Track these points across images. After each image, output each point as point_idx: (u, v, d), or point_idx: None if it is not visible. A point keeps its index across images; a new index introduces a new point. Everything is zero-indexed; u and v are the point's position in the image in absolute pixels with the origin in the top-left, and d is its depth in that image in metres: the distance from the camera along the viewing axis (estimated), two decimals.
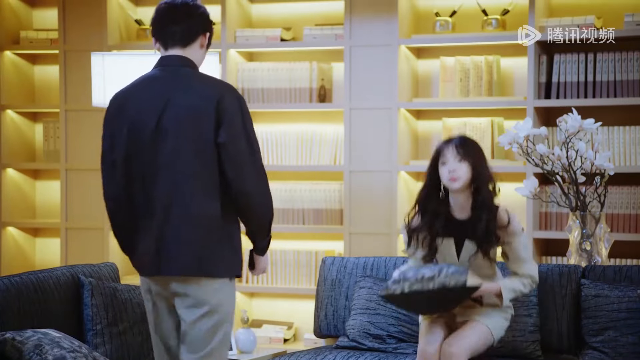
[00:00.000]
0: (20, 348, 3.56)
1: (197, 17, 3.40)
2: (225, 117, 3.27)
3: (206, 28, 3.43)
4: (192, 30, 3.40)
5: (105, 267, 4.34)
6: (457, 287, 3.72)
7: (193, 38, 3.40)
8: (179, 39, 3.39)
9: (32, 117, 6.01)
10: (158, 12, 3.42)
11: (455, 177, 3.83)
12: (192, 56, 3.42)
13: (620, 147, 4.94)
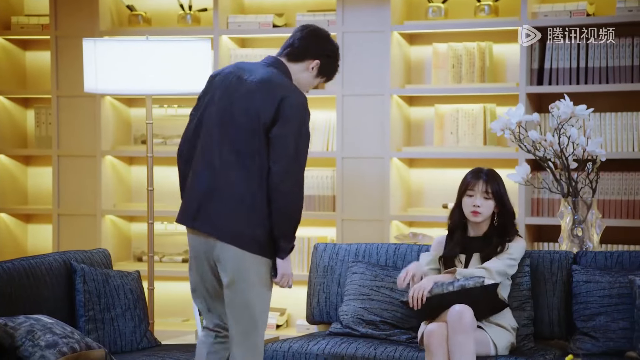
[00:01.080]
0: (13, 334, 3.56)
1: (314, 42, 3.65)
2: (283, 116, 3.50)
3: (317, 56, 3.65)
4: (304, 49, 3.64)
5: (98, 254, 4.33)
6: (476, 287, 3.91)
7: (301, 57, 3.63)
8: (288, 52, 3.66)
9: (24, 103, 5.99)
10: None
11: (479, 212, 4.12)
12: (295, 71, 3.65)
13: (612, 133, 4.95)
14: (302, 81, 3.66)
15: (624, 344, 4.04)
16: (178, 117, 5.76)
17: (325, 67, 3.68)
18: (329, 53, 3.68)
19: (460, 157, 5.19)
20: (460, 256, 4.16)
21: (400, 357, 4.07)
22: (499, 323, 4.05)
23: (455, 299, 3.94)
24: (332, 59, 3.70)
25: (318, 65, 3.66)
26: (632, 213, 4.91)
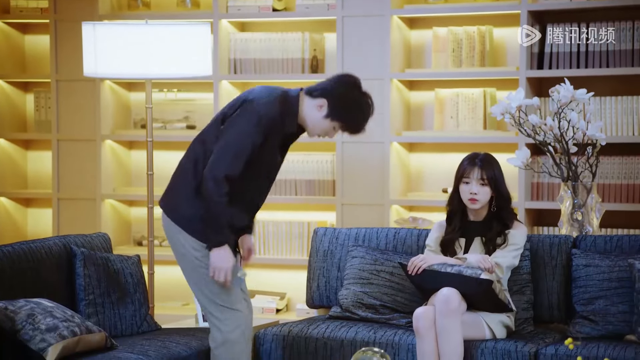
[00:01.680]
0: (13, 317, 3.56)
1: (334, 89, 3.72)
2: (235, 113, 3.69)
3: (323, 95, 3.71)
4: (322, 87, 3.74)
5: (98, 238, 4.34)
6: (472, 278, 3.93)
7: (315, 93, 3.73)
8: (310, 86, 3.80)
9: (23, 87, 5.98)
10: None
11: (476, 200, 4.12)
12: (305, 105, 3.73)
13: (612, 117, 4.94)
14: (308, 118, 3.73)
15: (623, 327, 4.05)
16: (178, 101, 5.75)
17: (337, 111, 3.69)
18: (343, 97, 3.68)
19: (460, 142, 5.19)
20: (460, 240, 4.17)
21: (399, 340, 4.08)
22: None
23: (448, 281, 3.96)
24: (346, 104, 3.69)
25: (326, 105, 3.69)
26: (632, 197, 4.91)
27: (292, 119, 3.73)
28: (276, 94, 3.71)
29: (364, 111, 3.73)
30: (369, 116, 3.75)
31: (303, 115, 3.74)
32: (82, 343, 3.69)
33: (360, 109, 3.72)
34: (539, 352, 3.94)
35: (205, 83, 5.60)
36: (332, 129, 3.74)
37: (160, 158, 5.64)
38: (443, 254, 4.17)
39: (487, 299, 3.98)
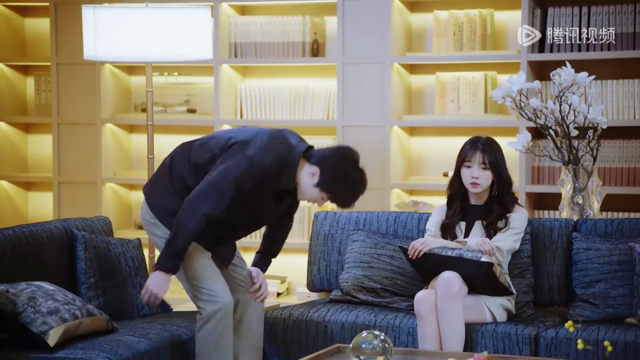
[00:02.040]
0: (14, 300, 3.57)
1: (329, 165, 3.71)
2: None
3: (318, 163, 3.71)
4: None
5: (99, 221, 4.34)
6: (472, 261, 3.93)
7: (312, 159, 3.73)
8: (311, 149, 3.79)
9: (24, 71, 5.97)
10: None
11: (477, 184, 4.12)
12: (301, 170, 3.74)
13: (613, 101, 4.93)
14: (300, 181, 3.74)
15: (624, 310, 4.06)
16: (178, 85, 5.74)
17: (327, 183, 3.68)
18: (335, 171, 3.67)
19: (461, 125, 5.18)
20: (460, 224, 4.18)
21: (400, 324, 4.09)
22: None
23: (449, 264, 3.97)
24: (338, 178, 3.68)
25: (318, 174, 3.69)
26: (633, 180, 4.91)
27: (289, 177, 3.72)
28: (279, 147, 3.70)
29: (354, 189, 3.72)
30: (359, 194, 3.75)
31: (298, 176, 3.73)
32: (83, 326, 3.70)
33: (351, 186, 3.72)
34: (539, 335, 3.95)
35: (206, 67, 5.59)
36: (321, 198, 3.74)
37: (160, 142, 5.63)
38: (443, 237, 4.18)
39: (487, 282, 3.99)
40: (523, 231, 4.15)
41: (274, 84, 5.52)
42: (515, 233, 4.11)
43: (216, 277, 3.79)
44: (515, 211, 4.15)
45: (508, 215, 4.13)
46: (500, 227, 4.12)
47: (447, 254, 4.00)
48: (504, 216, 4.13)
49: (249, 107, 5.53)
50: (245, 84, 5.59)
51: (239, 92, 5.56)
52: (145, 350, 3.68)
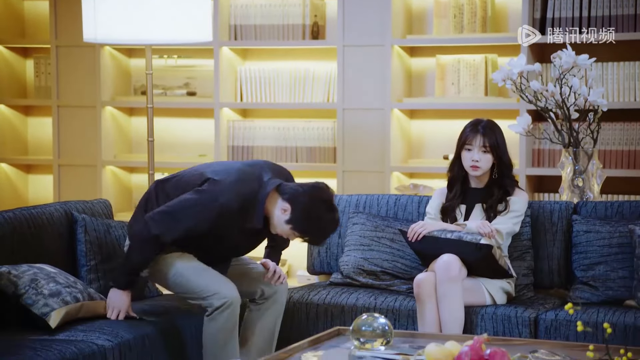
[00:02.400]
0: (16, 282, 3.57)
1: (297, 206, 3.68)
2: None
3: (290, 201, 3.68)
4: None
5: (99, 204, 4.33)
6: (471, 243, 3.93)
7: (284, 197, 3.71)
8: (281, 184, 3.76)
9: (23, 53, 5.96)
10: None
11: (478, 167, 4.11)
12: (271, 203, 3.73)
13: (613, 83, 4.92)
14: (273, 215, 3.72)
15: (623, 293, 4.07)
16: (178, 67, 5.73)
17: (298, 222, 3.66)
18: (307, 210, 3.64)
19: (462, 108, 5.17)
20: (460, 207, 4.18)
21: (400, 307, 4.09)
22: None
23: (448, 247, 3.97)
24: (309, 218, 3.66)
25: (290, 211, 3.66)
26: (633, 163, 4.91)
27: (253, 218, 3.71)
28: (247, 186, 3.69)
29: (325, 229, 3.71)
30: (329, 234, 3.75)
31: (270, 210, 3.72)
32: (85, 309, 3.70)
33: (322, 227, 3.70)
34: (539, 317, 3.96)
35: (206, 49, 5.58)
36: (292, 234, 3.73)
37: (160, 125, 5.63)
38: (444, 220, 4.18)
39: (487, 265, 3.99)
40: (523, 214, 4.15)
41: (274, 67, 5.51)
42: (515, 216, 4.11)
43: (206, 274, 3.77)
44: (515, 194, 4.15)
45: (508, 198, 4.13)
46: (501, 210, 4.12)
47: (446, 237, 4.00)
48: (504, 199, 4.13)
49: (249, 90, 5.53)
50: (245, 66, 5.58)
51: (239, 74, 5.55)
52: (146, 333, 3.69)
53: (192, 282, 3.75)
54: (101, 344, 3.49)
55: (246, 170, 3.75)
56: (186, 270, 3.76)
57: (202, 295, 3.73)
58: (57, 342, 3.41)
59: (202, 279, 3.75)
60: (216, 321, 3.71)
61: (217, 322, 3.71)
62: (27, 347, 3.31)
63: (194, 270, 3.77)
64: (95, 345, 3.47)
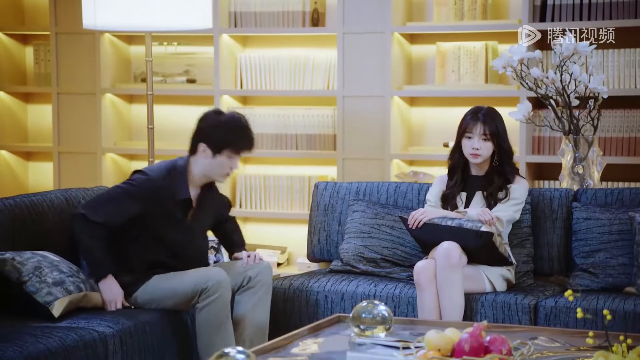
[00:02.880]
0: (20, 269, 3.57)
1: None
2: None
3: (198, 141, 3.86)
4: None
5: (99, 191, 4.32)
6: (472, 230, 3.94)
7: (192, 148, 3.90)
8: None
9: (23, 40, 5.94)
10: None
11: (478, 154, 4.11)
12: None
13: (614, 70, 4.91)
14: (204, 169, 3.86)
15: (623, 280, 4.07)
16: (178, 55, 5.72)
17: (217, 144, 3.80)
18: (212, 130, 3.80)
19: (462, 96, 5.17)
20: (461, 194, 4.18)
21: (400, 294, 4.10)
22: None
23: (448, 234, 3.97)
24: (219, 132, 3.80)
25: (205, 146, 3.81)
26: (633, 150, 4.90)
27: (181, 188, 3.82)
28: (164, 165, 3.86)
29: (237, 126, 3.84)
30: (246, 127, 3.85)
31: (200, 172, 3.85)
32: (87, 299, 3.71)
33: (232, 126, 3.83)
34: (539, 304, 3.96)
35: (206, 36, 5.57)
36: (229, 160, 3.83)
37: (160, 112, 5.63)
38: (444, 208, 4.18)
39: (487, 252, 3.99)
40: (523, 202, 4.15)
41: (274, 54, 5.50)
42: (515, 204, 4.11)
43: (188, 273, 3.82)
44: (516, 182, 4.15)
45: (509, 186, 4.13)
46: (501, 197, 4.12)
47: (446, 224, 4.01)
48: (504, 187, 4.13)
49: (248, 77, 5.52)
50: (245, 53, 5.57)
51: (238, 62, 5.54)
52: (147, 320, 3.70)
53: (178, 285, 3.79)
54: (102, 331, 3.50)
55: (163, 161, 3.95)
56: (168, 280, 3.82)
57: (192, 289, 3.76)
58: (58, 329, 3.42)
59: (186, 276, 3.81)
60: (209, 305, 3.73)
61: (210, 306, 3.73)
62: (28, 333, 3.31)
63: (174, 276, 3.83)
64: (96, 332, 3.48)
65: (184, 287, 3.78)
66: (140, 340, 3.63)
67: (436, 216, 4.06)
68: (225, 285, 3.76)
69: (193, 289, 3.76)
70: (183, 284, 3.79)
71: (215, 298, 3.73)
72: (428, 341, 2.76)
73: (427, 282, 3.95)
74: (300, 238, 5.12)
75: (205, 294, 3.74)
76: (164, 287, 3.81)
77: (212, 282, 3.74)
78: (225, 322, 3.76)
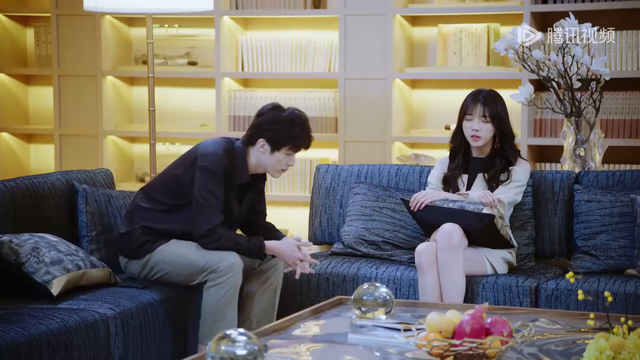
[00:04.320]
0: (18, 250, 3.58)
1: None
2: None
3: (257, 136, 3.88)
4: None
5: (100, 174, 4.33)
6: (473, 213, 3.93)
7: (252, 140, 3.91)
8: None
9: (23, 22, 5.93)
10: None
11: (478, 137, 4.10)
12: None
13: (616, 52, 4.90)
14: (261, 163, 3.88)
15: (624, 262, 4.07)
16: (179, 37, 5.71)
17: (277, 141, 3.81)
18: (272, 126, 3.80)
19: (464, 78, 5.16)
20: (462, 177, 4.17)
21: (401, 276, 4.10)
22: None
23: (450, 216, 3.97)
24: (279, 129, 3.80)
25: (265, 142, 3.82)
26: (635, 133, 4.90)
27: (243, 170, 3.85)
28: (221, 143, 3.85)
29: (297, 123, 3.84)
30: (304, 124, 3.86)
31: (255, 163, 3.87)
32: (86, 277, 3.71)
33: (292, 123, 3.83)
34: (540, 286, 3.97)
35: (207, 18, 5.55)
36: (286, 157, 3.85)
37: (161, 94, 5.62)
38: (446, 190, 4.18)
39: (488, 235, 4.00)
40: (525, 184, 4.15)
41: (275, 36, 5.49)
42: (517, 186, 4.11)
43: (203, 250, 3.83)
44: (517, 164, 4.14)
45: (511, 168, 4.12)
46: (503, 180, 4.11)
47: (448, 206, 4.01)
48: (506, 169, 4.12)
49: (250, 60, 5.51)
50: (247, 36, 5.56)
51: (240, 44, 5.53)
52: (148, 302, 3.70)
53: (191, 255, 3.79)
54: (103, 313, 3.51)
55: (216, 139, 3.92)
56: (184, 247, 3.82)
57: (204, 264, 3.76)
58: (60, 310, 3.43)
59: (201, 253, 3.80)
60: (218, 286, 3.73)
61: (219, 287, 3.73)
62: (30, 315, 3.32)
63: (191, 245, 3.82)
64: (97, 313, 3.49)
65: (196, 259, 3.78)
66: (141, 323, 3.64)
67: (438, 198, 4.06)
68: (237, 269, 3.76)
69: (204, 264, 3.76)
70: (196, 255, 3.79)
71: (225, 280, 3.73)
72: (429, 323, 2.77)
73: (428, 265, 3.95)
74: (301, 221, 5.13)
75: (216, 273, 3.74)
76: (177, 254, 3.80)
77: (224, 263, 3.74)
78: (231, 307, 3.76)
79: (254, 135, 3.85)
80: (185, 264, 3.80)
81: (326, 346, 3.00)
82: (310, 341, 3.03)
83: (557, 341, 2.95)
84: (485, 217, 3.94)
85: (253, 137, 3.85)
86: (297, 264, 3.88)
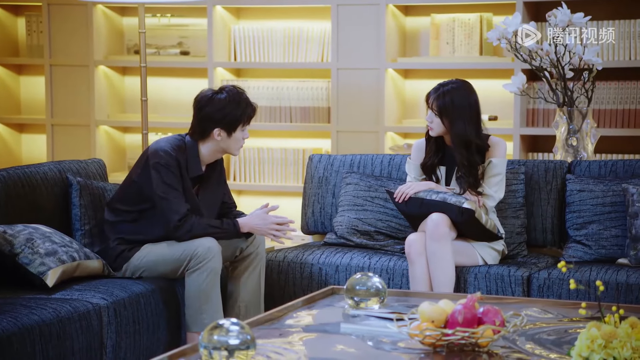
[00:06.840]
0: (12, 241, 3.57)
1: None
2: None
3: (213, 124, 3.93)
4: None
5: (93, 164, 4.32)
6: (455, 206, 3.91)
7: (205, 134, 3.98)
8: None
9: (14, 11, 5.90)
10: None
11: (431, 127, 4.06)
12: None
13: (609, 42, 4.90)
14: (224, 147, 3.92)
15: (616, 251, 4.08)
16: (171, 26, 5.69)
17: (228, 124, 3.88)
18: (219, 112, 3.86)
19: (456, 68, 5.15)
20: (440, 168, 4.14)
21: (394, 266, 4.11)
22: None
23: (433, 208, 3.96)
24: (225, 112, 3.86)
25: (219, 129, 3.88)
26: (627, 122, 4.90)
27: (195, 163, 3.90)
28: (173, 143, 3.90)
29: (239, 100, 3.90)
30: (243, 95, 3.92)
31: (209, 153, 3.92)
32: (81, 268, 3.71)
33: (236, 102, 3.90)
34: (532, 276, 3.98)
35: (199, 8, 5.54)
36: (242, 132, 3.92)
37: (154, 84, 5.61)
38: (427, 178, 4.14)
39: (472, 227, 3.99)
40: (504, 169, 4.05)
41: (267, 26, 5.48)
42: (498, 181, 4.05)
43: (178, 243, 3.86)
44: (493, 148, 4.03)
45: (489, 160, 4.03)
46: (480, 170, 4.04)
47: (431, 198, 3.99)
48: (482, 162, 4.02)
49: (242, 49, 5.50)
50: (239, 25, 5.54)
51: (232, 33, 5.52)
52: (141, 292, 3.70)
53: (167, 251, 3.83)
54: (96, 303, 3.51)
55: (167, 137, 3.98)
56: (159, 248, 3.86)
57: (181, 254, 3.79)
58: (53, 300, 3.42)
59: (176, 245, 3.84)
60: (198, 270, 3.76)
61: (199, 271, 3.76)
62: (22, 305, 3.32)
63: (166, 244, 3.86)
64: (90, 303, 3.48)
65: (173, 253, 3.81)
66: (134, 313, 3.64)
67: (422, 189, 4.04)
68: (216, 253, 3.78)
69: (182, 254, 3.79)
70: (172, 249, 3.82)
71: (205, 264, 3.75)
72: (422, 313, 2.77)
73: (417, 255, 3.95)
74: (294, 210, 5.13)
75: (195, 259, 3.77)
76: (154, 253, 3.84)
77: (201, 248, 3.76)
78: (214, 291, 3.77)
79: (208, 128, 3.89)
80: (163, 261, 3.83)
81: (319, 336, 3.00)
82: (302, 331, 3.03)
83: (549, 330, 2.95)
84: (465, 211, 3.92)
85: (207, 130, 3.89)
86: (274, 229, 3.91)
